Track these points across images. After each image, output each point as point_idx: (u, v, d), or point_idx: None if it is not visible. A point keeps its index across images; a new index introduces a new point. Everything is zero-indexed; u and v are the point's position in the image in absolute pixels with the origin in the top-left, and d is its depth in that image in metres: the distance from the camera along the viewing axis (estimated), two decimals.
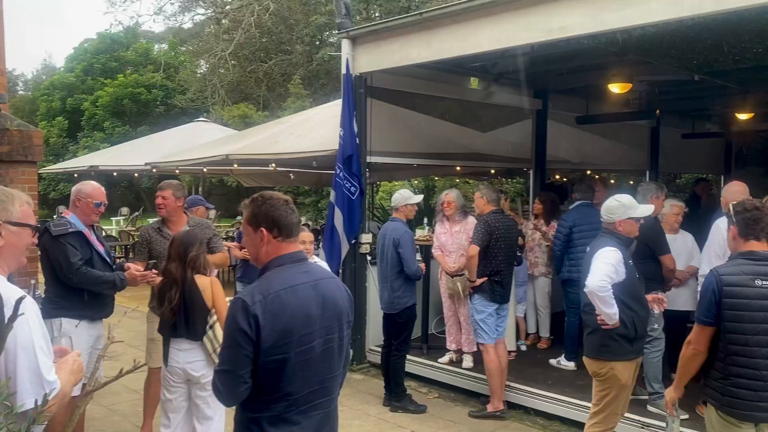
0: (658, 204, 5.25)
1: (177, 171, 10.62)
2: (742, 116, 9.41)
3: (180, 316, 3.77)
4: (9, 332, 1.19)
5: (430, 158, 7.95)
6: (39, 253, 4.18)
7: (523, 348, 6.88)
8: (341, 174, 6.50)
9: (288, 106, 19.95)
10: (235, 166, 8.73)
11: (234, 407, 2.35)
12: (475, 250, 5.39)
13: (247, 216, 2.37)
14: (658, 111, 9.07)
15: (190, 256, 3.77)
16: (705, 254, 4.93)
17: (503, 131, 8.80)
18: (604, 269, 3.67)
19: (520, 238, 6.35)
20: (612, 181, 11.30)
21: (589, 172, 10.99)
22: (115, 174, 13.24)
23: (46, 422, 1.85)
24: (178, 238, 3.93)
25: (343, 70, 6.54)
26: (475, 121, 8.30)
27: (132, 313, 5.02)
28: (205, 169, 10.49)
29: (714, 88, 7.87)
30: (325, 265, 4.24)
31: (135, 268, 4.13)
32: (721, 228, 4.77)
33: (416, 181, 15.93)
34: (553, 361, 6.33)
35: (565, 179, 12.45)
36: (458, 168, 9.42)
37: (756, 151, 12.04)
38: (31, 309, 1.91)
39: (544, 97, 8.64)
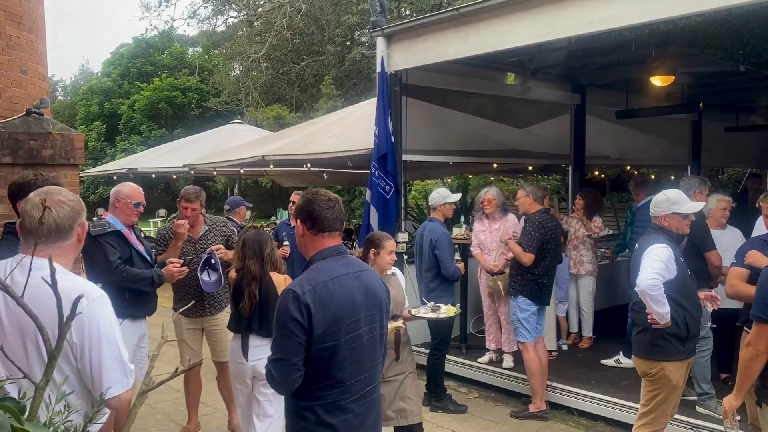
0: (701, 199, 5.10)
1: (214, 172, 10.74)
2: None
3: (255, 312, 3.88)
4: (68, 331, 1.19)
5: (465, 156, 7.87)
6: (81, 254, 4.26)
7: (565, 348, 6.76)
8: (376, 173, 6.46)
9: (320, 107, 20.05)
10: (271, 166, 8.78)
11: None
12: (531, 258, 5.25)
13: (294, 209, 2.58)
14: (701, 104, 8.81)
15: (266, 253, 3.92)
16: None
17: (540, 127, 8.66)
18: (655, 267, 3.54)
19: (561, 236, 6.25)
20: (652, 177, 11.04)
21: (628, 167, 10.77)
22: (153, 176, 13.44)
23: (102, 421, 1.90)
24: (250, 238, 4.05)
25: (378, 68, 6.51)
26: (511, 117, 8.18)
27: (169, 312, 5.08)
28: (241, 170, 10.59)
29: (760, 79, 7.60)
30: (402, 279, 4.19)
31: (173, 264, 4.18)
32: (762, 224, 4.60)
33: (450, 180, 15.84)
34: (609, 361, 6.14)
35: (603, 175, 12.24)
36: (495, 165, 9.31)
37: None
38: (107, 304, 2.02)
39: (583, 92, 8.47)
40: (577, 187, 8.30)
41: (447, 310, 4.44)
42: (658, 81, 7.04)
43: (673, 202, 3.74)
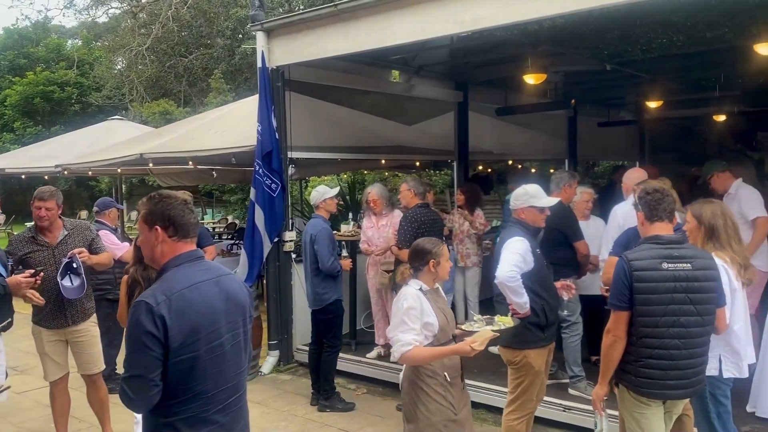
0: (570, 192, 5.35)
1: (90, 172, 10.10)
2: (652, 104, 9.82)
3: None
4: None
5: (354, 152, 7.86)
6: None
7: None
8: (261, 171, 6.33)
9: (210, 102, 19.44)
10: (150, 165, 8.38)
11: None
12: (405, 253, 5.32)
13: (143, 214, 2.35)
14: (573, 101, 9.33)
15: None
16: (604, 240, 5.01)
17: (427, 124, 8.83)
18: (513, 259, 3.69)
19: (445, 229, 6.40)
20: (533, 170, 11.57)
21: (511, 162, 11.21)
22: (23, 177, 12.46)
23: None
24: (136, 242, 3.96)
25: (259, 63, 6.38)
26: (399, 114, 8.29)
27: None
28: (119, 170, 10.03)
29: (626, 77, 8.14)
30: (442, 291, 3.66)
31: (22, 275, 3.89)
32: (617, 214, 4.90)
33: (345, 176, 15.82)
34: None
35: (489, 170, 12.67)
36: (383, 161, 9.38)
37: (666, 137, 12.56)
38: None
39: (465, 89, 8.71)
40: (462, 182, 8.54)
41: (502, 321, 3.82)
42: (531, 79, 7.35)
43: (532, 195, 3.91)
